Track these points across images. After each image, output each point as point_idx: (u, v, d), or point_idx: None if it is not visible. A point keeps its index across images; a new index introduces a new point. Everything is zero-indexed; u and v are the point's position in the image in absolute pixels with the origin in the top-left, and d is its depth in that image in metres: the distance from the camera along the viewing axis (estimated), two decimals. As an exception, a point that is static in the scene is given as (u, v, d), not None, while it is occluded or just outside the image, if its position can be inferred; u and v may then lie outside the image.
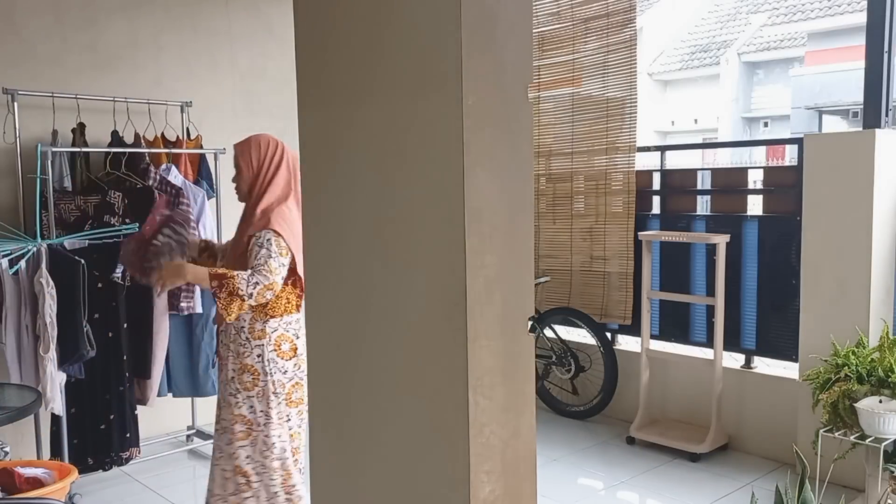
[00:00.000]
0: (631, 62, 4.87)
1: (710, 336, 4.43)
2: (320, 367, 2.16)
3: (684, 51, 20.06)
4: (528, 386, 1.81)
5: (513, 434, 1.76)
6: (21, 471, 2.96)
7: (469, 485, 1.66)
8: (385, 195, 1.86)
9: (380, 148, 1.87)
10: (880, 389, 3.36)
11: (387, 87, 1.83)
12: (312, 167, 2.12)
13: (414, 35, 1.74)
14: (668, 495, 3.88)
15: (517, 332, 1.76)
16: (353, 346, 2.01)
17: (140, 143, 4.19)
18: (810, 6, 17.35)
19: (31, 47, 4.18)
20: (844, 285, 3.81)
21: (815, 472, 3.01)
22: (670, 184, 4.90)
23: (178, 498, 3.93)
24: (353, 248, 1.98)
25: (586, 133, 5.08)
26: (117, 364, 3.85)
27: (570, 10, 5.10)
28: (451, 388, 1.68)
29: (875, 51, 3.85)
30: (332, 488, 2.16)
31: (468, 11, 1.61)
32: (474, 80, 1.63)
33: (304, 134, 2.13)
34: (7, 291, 3.49)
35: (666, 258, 4.80)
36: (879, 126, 3.82)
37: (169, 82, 4.67)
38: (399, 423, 1.87)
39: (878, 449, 3.20)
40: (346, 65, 1.95)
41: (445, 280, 1.68)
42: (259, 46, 5.12)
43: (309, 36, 2.08)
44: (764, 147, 14.61)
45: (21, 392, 3.28)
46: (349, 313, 2.02)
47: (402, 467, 1.87)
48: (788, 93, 17.34)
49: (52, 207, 3.71)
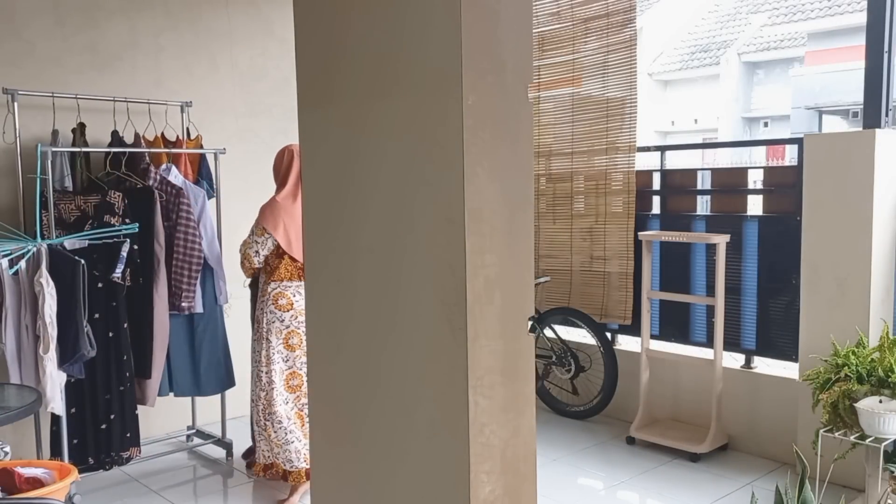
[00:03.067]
0: (631, 62, 4.87)
1: (710, 336, 4.43)
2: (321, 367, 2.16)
3: (684, 51, 20.06)
4: (528, 386, 1.81)
5: (513, 434, 1.76)
6: (21, 471, 2.95)
7: (469, 485, 1.66)
8: (385, 195, 1.86)
9: (380, 148, 1.87)
10: (880, 389, 3.36)
11: (387, 87, 1.83)
12: (312, 167, 2.12)
13: (414, 35, 1.74)
14: (668, 495, 3.88)
15: (517, 332, 1.76)
16: (354, 345, 2.01)
17: (140, 143, 4.19)
18: (810, 6, 17.35)
19: (31, 47, 4.18)
20: (844, 285, 3.81)
21: (815, 472, 3.01)
22: (670, 184, 4.90)
23: (178, 498, 3.93)
24: (353, 248, 1.98)
25: (586, 133, 5.08)
26: (118, 364, 3.85)
27: (570, 10, 5.10)
28: (451, 388, 1.69)
29: (875, 51, 3.85)
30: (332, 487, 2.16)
31: (468, 11, 1.61)
32: (474, 80, 1.63)
33: (304, 134, 2.13)
34: (7, 291, 3.49)
35: (666, 258, 4.80)
36: (879, 126, 3.82)
37: (169, 82, 4.67)
38: (399, 422, 1.87)
39: (878, 449, 3.20)
40: (345, 65, 1.95)
41: (445, 280, 1.68)
42: (259, 47, 5.12)
43: (309, 36, 2.08)
44: (764, 147, 14.60)
45: (21, 392, 3.28)
46: (349, 313, 2.02)
47: (402, 467, 1.87)
48: (788, 93, 17.35)
49: (52, 207, 3.71)
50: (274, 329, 3.73)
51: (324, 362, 2.14)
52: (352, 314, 2.01)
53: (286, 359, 3.75)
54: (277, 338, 3.73)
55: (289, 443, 3.72)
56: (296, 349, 3.76)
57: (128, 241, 3.74)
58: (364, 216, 1.93)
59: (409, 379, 1.82)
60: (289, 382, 3.77)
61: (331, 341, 2.10)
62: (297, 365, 3.77)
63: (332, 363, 2.11)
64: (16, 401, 3.15)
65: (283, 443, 3.72)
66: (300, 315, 3.73)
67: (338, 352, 2.07)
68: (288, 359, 3.75)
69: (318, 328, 2.14)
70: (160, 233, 3.95)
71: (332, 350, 2.10)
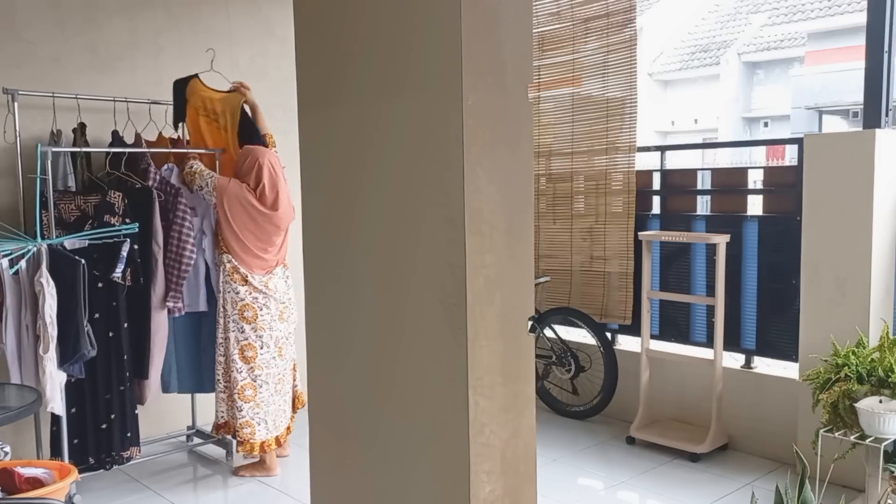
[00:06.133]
0: (631, 62, 4.86)
1: (710, 336, 4.43)
2: (321, 366, 2.16)
3: (684, 51, 20.06)
4: (528, 386, 1.81)
5: (513, 434, 1.76)
6: (21, 471, 2.95)
7: (469, 485, 1.66)
8: (385, 195, 1.86)
9: (380, 148, 1.87)
10: (880, 389, 3.36)
11: (387, 87, 1.83)
12: (312, 167, 2.12)
13: (414, 36, 1.74)
14: (667, 495, 3.88)
15: (517, 332, 1.76)
16: (354, 345, 2.01)
17: (140, 143, 4.19)
18: (810, 6, 17.35)
19: (31, 47, 4.18)
20: (844, 285, 3.81)
21: (815, 472, 3.01)
22: (670, 184, 4.90)
23: (177, 498, 3.93)
24: (353, 248, 1.98)
25: (586, 133, 5.08)
26: (118, 364, 3.85)
27: (570, 10, 5.10)
28: (451, 388, 1.69)
29: (875, 51, 3.85)
30: (332, 487, 2.16)
31: (468, 11, 1.61)
32: (474, 80, 1.63)
33: (304, 134, 2.13)
34: (7, 291, 3.49)
35: (666, 258, 4.80)
36: (879, 126, 3.82)
37: (169, 82, 4.67)
38: (399, 422, 1.87)
39: (878, 449, 3.20)
40: (345, 65, 1.95)
41: (445, 280, 1.68)
42: (259, 47, 5.12)
43: (309, 36, 2.08)
44: (764, 147, 14.61)
45: (21, 392, 3.28)
46: (349, 313, 2.02)
47: (402, 467, 1.87)
48: (788, 93, 17.34)
49: (52, 207, 3.71)
50: (229, 299, 3.98)
51: (323, 362, 2.14)
52: (352, 314, 2.01)
53: (241, 329, 3.97)
54: (233, 307, 3.98)
55: (240, 409, 3.99)
56: (251, 322, 3.98)
57: (128, 241, 3.74)
58: (364, 216, 1.93)
59: (410, 379, 1.82)
60: (244, 353, 3.99)
61: (331, 341, 2.10)
62: (251, 338, 3.99)
63: (331, 362, 2.11)
64: (16, 401, 3.15)
65: (238, 409, 3.99)
66: (255, 291, 3.99)
67: (337, 351, 2.08)
68: (243, 330, 3.97)
69: (319, 328, 2.14)
70: (158, 233, 3.95)
71: (331, 349, 2.10)
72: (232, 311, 3.98)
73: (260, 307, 4.00)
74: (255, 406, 4.01)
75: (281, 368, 4.12)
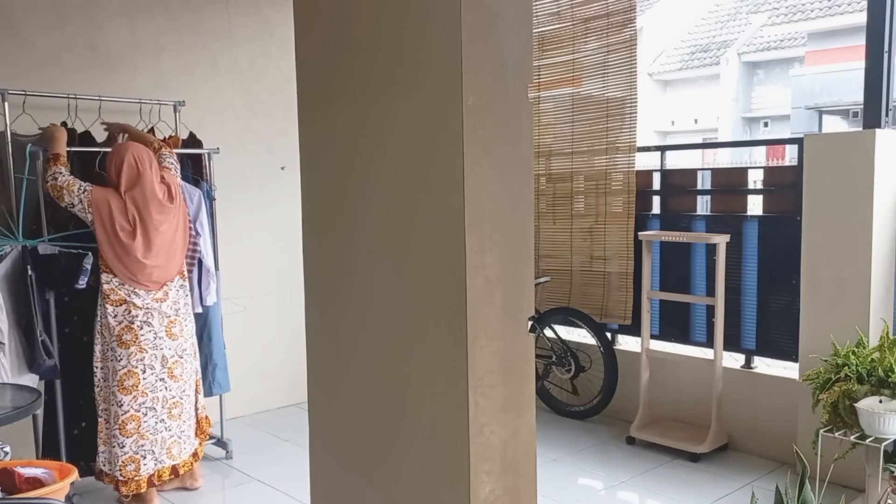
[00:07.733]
0: (631, 62, 4.86)
1: (710, 336, 4.43)
2: (321, 366, 2.16)
3: (684, 51, 20.06)
4: (528, 386, 1.81)
5: (513, 434, 1.76)
6: (21, 471, 2.95)
7: (469, 485, 1.66)
8: (385, 195, 1.86)
9: (379, 148, 1.87)
10: (880, 389, 3.36)
11: (386, 87, 1.83)
12: (312, 167, 2.12)
13: (414, 36, 1.74)
14: (668, 495, 3.88)
15: (517, 332, 1.76)
16: (353, 345, 2.01)
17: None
18: (810, 6, 17.35)
19: (30, 47, 4.18)
20: (844, 285, 3.81)
21: (815, 472, 3.01)
22: (670, 184, 4.90)
23: (178, 498, 3.93)
24: (352, 248, 1.98)
25: (586, 133, 5.08)
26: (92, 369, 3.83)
27: (570, 10, 5.10)
28: (451, 388, 1.68)
29: (875, 51, 3.85)
30: (332, 487, 2.16)
31: (468, 11, 1.61)
32: (474, 79, 1.63)
33: (304, 134, 2.13)
34: None
35: (666, 258, 4.80)
36: (879, 126, 3.82)
37: (169, 83, 4.67)
38: (399, 422, 1.87)
39: (878, 449, 3.20)
40: (345, 65, 1.95)
41: (445, 280, 1.68)
42: (259, 47, 5.12)
43: (309, 36, 2.08)
44: (764, 147, 14.59)
45: (21, 392, 3.27)
46: (349, 313, 2.02)
47: (402, 467, 1.87)
48: (788, 93, 17.34)
49: (45, 208, 3.71)
50: (106, 324, 3.58)
51: (323, 362, 2.14)
52: (351, 314, 2.01)
53: (118, 358, 3.57)
54: (110, 334, 3.58)
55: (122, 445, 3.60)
56: (129, 346, 3.57)
57: (90, 254, 3.62)
58: (363, 216, 1.93)
59: (409, 379, 1.82)
60: (123, 384, 3.58)
61: (330, 341, 2.10)
62: (133, 362, 3.58)
63: (331, 362, 2.11)
64: (16, 401, 3.15)
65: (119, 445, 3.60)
66: (133, 309, 3.58)
67: (337, 351, 2.07)
68: (120, 358, 3.57)
69: (318, 328, 2.14)
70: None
71: (331, 349, 2.10)
72: (109, 337, 3.59)
73: (140, 325, 3.60)
74: (140, 438, 3.61)
75: (174, 391, 3.73)
